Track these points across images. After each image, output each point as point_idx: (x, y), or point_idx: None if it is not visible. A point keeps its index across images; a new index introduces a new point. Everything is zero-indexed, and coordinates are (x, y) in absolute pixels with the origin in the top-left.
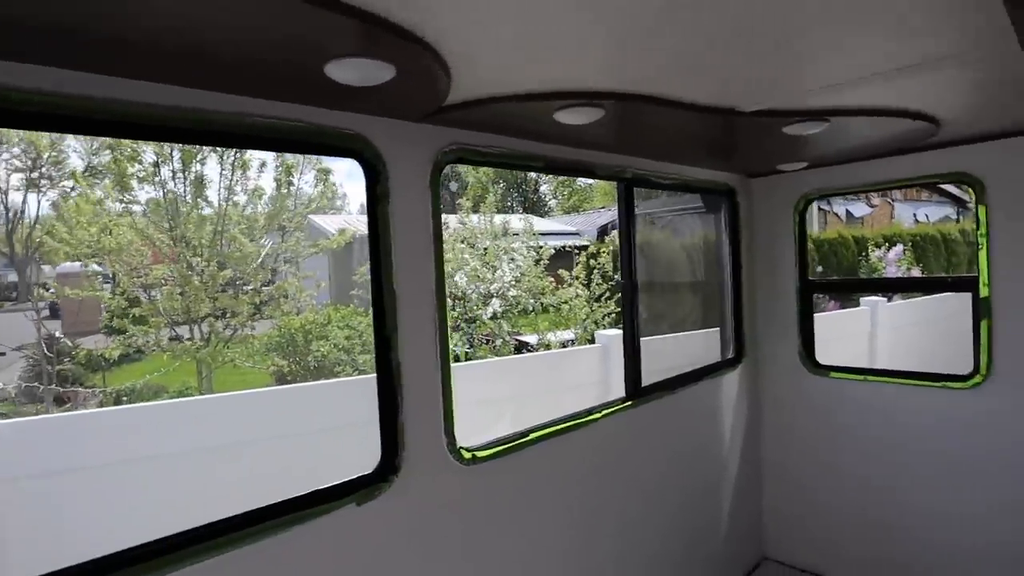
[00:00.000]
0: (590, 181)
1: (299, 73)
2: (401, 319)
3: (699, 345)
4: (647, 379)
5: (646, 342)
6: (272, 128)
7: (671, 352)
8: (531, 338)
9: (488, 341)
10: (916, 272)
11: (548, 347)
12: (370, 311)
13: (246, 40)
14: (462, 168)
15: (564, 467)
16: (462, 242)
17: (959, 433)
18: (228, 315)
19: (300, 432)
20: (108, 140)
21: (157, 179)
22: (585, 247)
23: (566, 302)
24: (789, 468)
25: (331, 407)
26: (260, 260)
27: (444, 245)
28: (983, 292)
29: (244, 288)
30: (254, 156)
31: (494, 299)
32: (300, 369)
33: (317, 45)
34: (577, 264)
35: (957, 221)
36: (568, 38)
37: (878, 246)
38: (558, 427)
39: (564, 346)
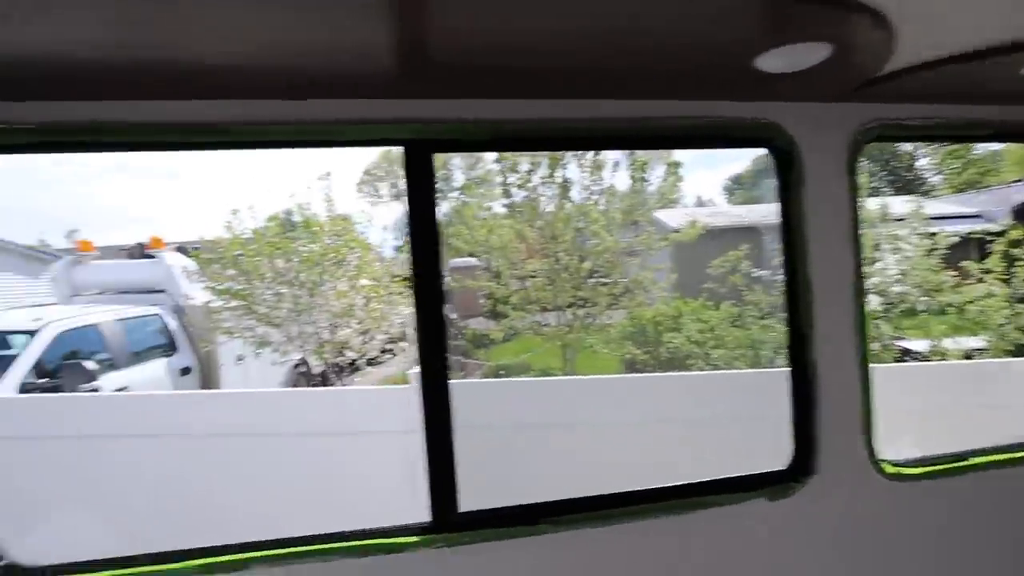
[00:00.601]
0: (996, 147)
1: (722, 72)
2: (816, 314)
3: None
4: None
5: None
6: (682, 128)
7: None
8: (919, 344)
9: None
10: None
11: (943, 356)
12: (719, 305)
13: (677, 44)
14: None
15: (1006, 503)
16: None
17: None
18: (588, 304)
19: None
20: (491, 154)
21: (530, 184)
22: (1000, 233)
23: (972, 301)
24: None
25: (715, 399)
26: (618, 254)
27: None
28: None
29: (602, 280)
30: (608, 156)
31: (870, 295)
32: (652, 359)
33: (754, 38)
34: (990, 254)
35: None
36: None
37: None
38: (1004, 456)
39: (969, 356)
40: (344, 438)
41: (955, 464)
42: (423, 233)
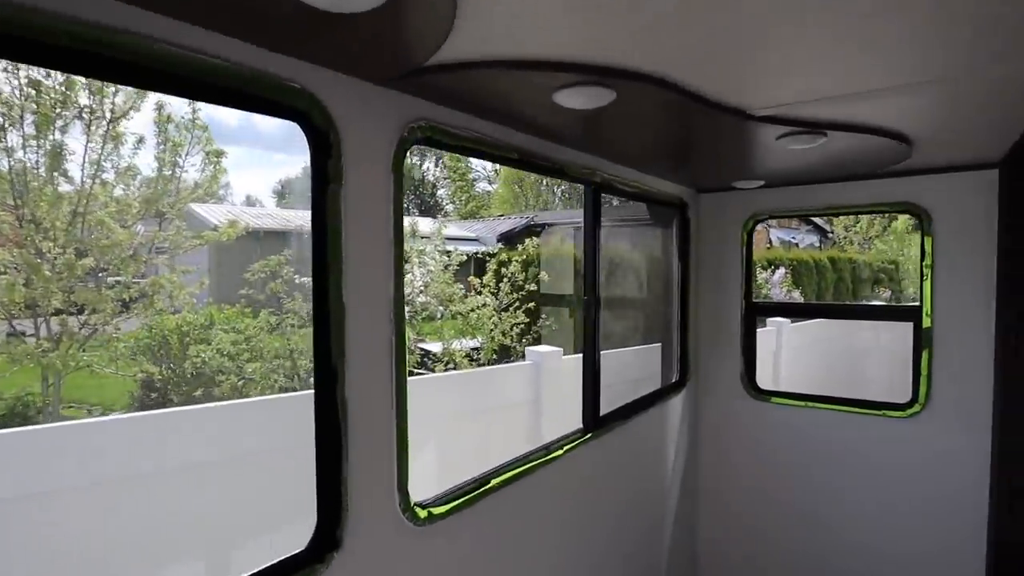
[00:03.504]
0: (489, 188)
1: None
2: (349, 342)
3: (637, 363)
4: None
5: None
6: (190, 63)
7: (611, 368)
8: (434, 346)
9: None
10: (796, 294)
11: (453, 356)
12: (259, 313)
13: None
14: None
15: (526, 513)
16: None
17: (897, 462)
18: (87, 311)
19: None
20: None
21: (1, 144)
22: (494, 254)
23: (473, 310)
24: (725, 495)
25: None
26: (133, 250)
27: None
28: (925, 323)
29: (109, 281)
30: (130, 129)
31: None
32: (175, 376)
33: None
34: (487, 272)
35: (820, 248)
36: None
37: (764, 268)
38: (518, 469)
39: (469, 355)
40: None
41: (480, 490)
42: None
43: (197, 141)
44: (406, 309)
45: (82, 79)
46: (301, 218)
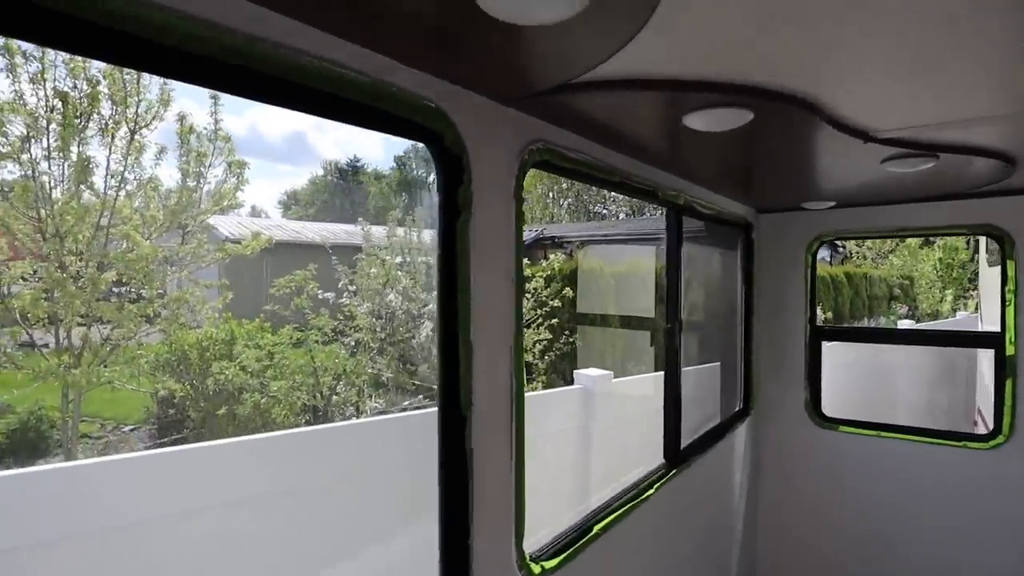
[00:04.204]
0: None
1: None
2: (475, 387)
3: (692, 382)
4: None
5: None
6: (328, 76)
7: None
8: None
9: (410, 369)
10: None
11: None
12: (279, 328)
13: None
14: (363, 178)
15: (624, 559)
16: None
17: (976, 495)
18: (110, 326)
19: None
20: None
21: (25, 157)
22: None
23: None
24: (788, 527)
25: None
26: (160, 264)
27: (375, 259)
28: (1009, 350)
29: (132, 295)
30: (151, 140)
31: (426, 321)
32: (196, 394)
33: None
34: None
35: (830, 263)
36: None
37: None
38: (616, 513)
39: None
40: None
41: (585, 539)
42: None
43: (220, 152)
44: (429, 324)
45: (105, 89)
46: (308, 230)
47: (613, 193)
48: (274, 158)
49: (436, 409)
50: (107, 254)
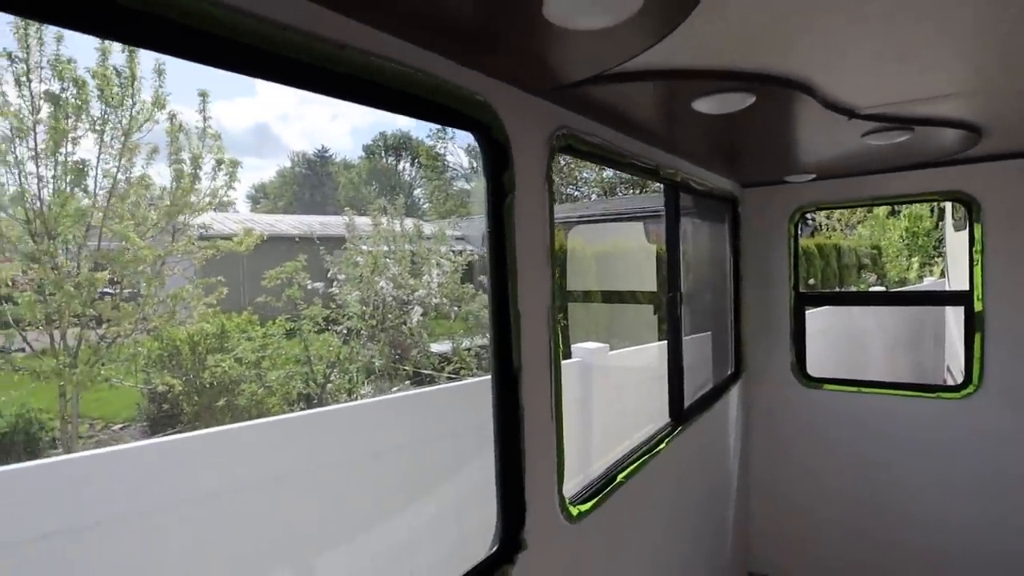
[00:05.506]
0: (467, 186)
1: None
2: (523, 351)
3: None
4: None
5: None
6: (395, 74)
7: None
8: (443, 347)
9: (400, 355)
10: None
11: (462, 358)
12: (269, 321)
13: None
14: (332, 168)
15: (642, 506)
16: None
17: (950, 441)
18: (106, 324)
19: None
20: None
21: (11, 157)
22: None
23: (485, 307)
24: (778, 482)
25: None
26: (155, 264)
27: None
28: (977, 307)
29: (127, 295)
30: (144, 140)
31: (416, 306)
32: (191, 388)
33: None
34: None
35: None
36: None
37: None
38: (635, 464)
39: (478, 355)
40: None
41: (612, 486)
42: None
43: (209, 150)
44: (419, 310)
45: (95, 90)
46: (285, 223)
47: (584, 175)
48: (239, 151)
49: (464, 381)
50: (104, 255)
